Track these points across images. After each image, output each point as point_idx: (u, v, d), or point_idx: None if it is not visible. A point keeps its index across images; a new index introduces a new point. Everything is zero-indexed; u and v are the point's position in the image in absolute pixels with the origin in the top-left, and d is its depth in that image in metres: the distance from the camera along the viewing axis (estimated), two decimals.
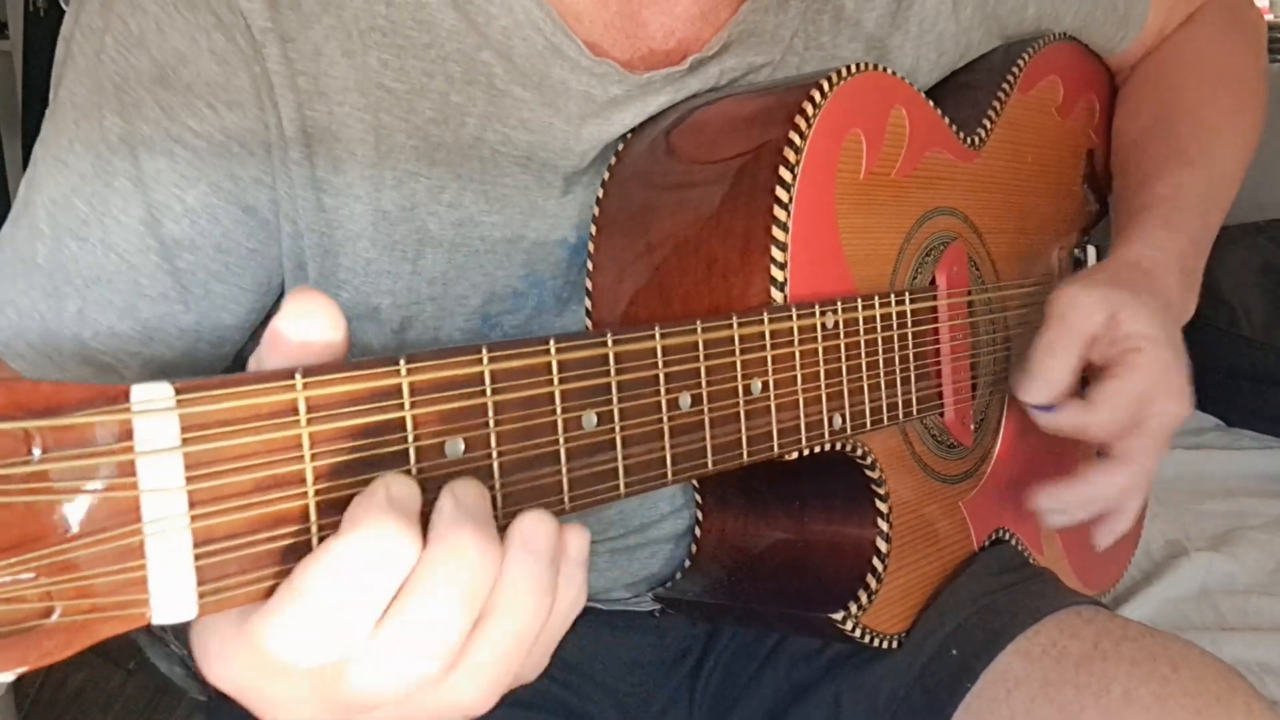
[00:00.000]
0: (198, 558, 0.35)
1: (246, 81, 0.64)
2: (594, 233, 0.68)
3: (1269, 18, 2.71)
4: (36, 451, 0.33)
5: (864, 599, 0.68)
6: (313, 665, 0.38)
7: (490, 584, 0.40)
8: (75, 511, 0.33)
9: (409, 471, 0.41)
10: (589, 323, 0.68)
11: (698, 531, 0.76)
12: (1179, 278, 0.81)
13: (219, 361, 0.70)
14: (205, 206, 0.65)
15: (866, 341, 0.65)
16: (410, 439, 0.41)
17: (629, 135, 0.71)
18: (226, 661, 0.40)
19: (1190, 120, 0.93)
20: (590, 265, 0.68)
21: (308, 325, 0.39)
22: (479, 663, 0.40)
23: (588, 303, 0.68)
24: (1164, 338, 0.75)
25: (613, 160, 0.70)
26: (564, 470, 0.47)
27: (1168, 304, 0.79)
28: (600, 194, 0.69)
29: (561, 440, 0.47)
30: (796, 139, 0.63)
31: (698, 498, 0.76)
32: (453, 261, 0.69)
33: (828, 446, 0.63)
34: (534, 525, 0.41)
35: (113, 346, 0.66)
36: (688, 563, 0.76)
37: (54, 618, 0.33)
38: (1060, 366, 0.74)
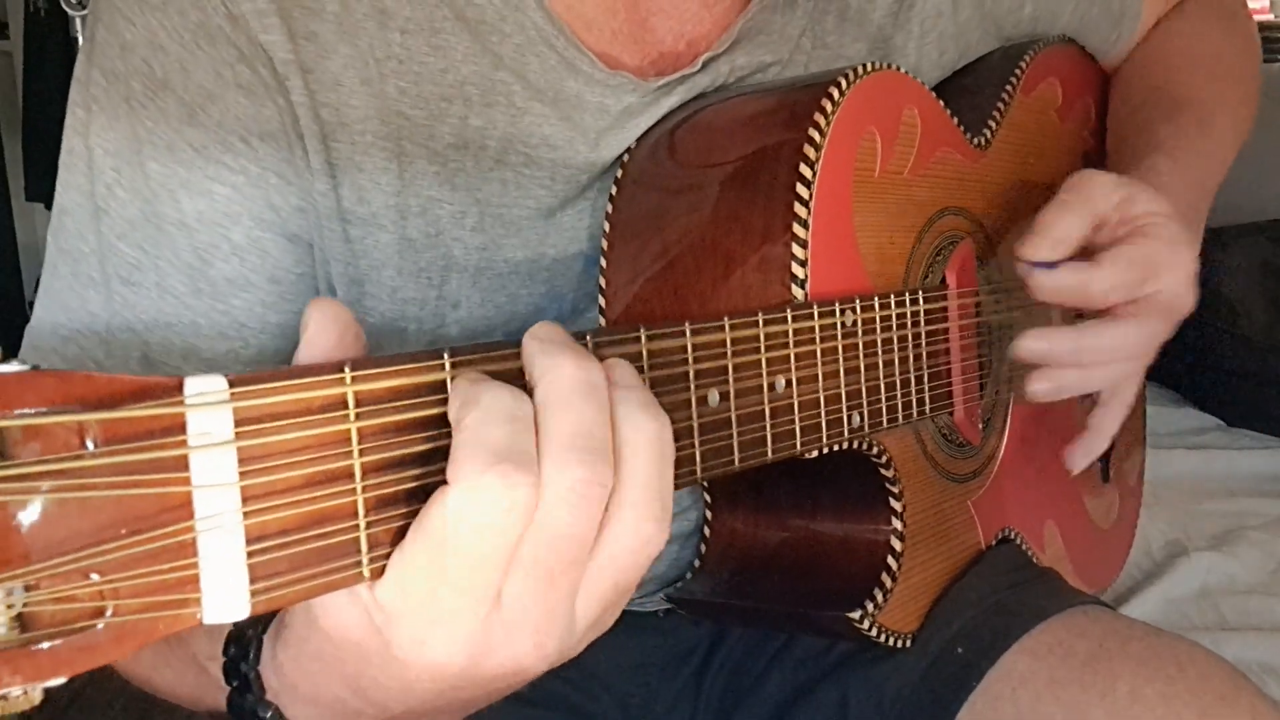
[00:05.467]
0: (250, 555, 0.34)
1: (274, 112, 0.63)
2: (607, 235, 0.68)
3: (1269, 17, 2.73)
4: (90, 445, 0.32)
5: (880, 598, 0.68)
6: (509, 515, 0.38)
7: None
8: (127, 508, 0.32)
9: None
10: (602, 322, 0.68)
11: (706, 531, 0.75)
12: (1184, 205, 0.79)
13: None
14: (252, 242, 0.64)
15: (883, 340, 0.65)
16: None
17: (637, 138, 0.70)
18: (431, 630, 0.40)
19: (1182, 89, 0.93)
20: (604, 268, 0.67)
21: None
22: (635, 500, 0.41)
23: (601, 302, 0.67)
24: (1175, 217, 0.73)
25: (623, 163, 0.70)
26: None
27: (1180, 215, 0.75)
28: (612, 197, 0.69)
29: None
30: (816, 137, 0.63)
31: (706, 497, 0.75)
32: (478, 285, 0.69)
33: (845, 445, 0.63)
34: (619, 367, 0.43)
35: None
36: (697, 563, 0.75)
37: (106, 618, 0.32)
38: (1068, 225, 0.71)
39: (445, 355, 0.40)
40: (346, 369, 0.37)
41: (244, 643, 0.48)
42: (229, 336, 0.65)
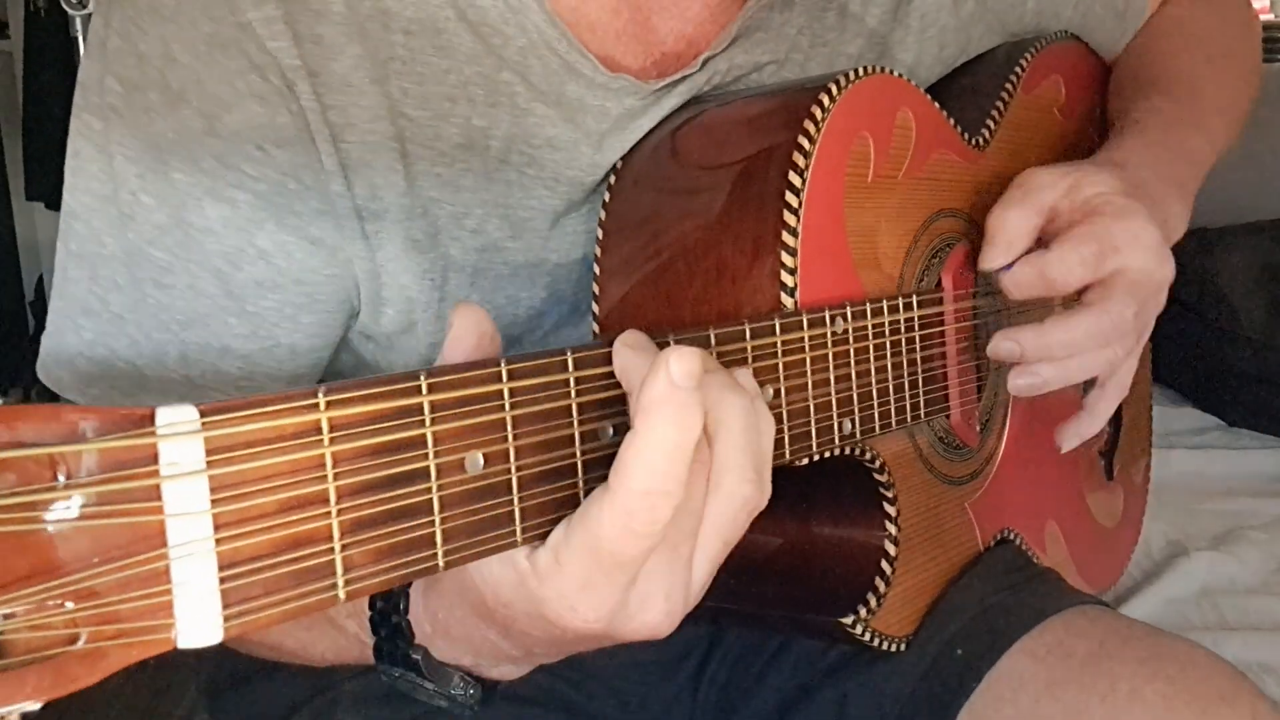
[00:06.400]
0: (223, 581, 0.35)
1: (288, 118, 0.64)
2: (600, 239, 0.68)
3: (1269, 17, 2.71)
4: (62, 477, 0.32)
5: (873, 602, 0.68)
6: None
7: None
8: (101, 537, 0.33)
9: (429, 489, 0.41)
10: (595, 327, 0.68)
11: None
12: (1154, 178, 0.79)
13: (319, 374, 0.72)
14: (277, 246, 0.65)
15: (875, 346, 0.65)
16: (431, 455, 0.41)
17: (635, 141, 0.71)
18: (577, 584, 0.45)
19: (1166, 68, 0.93)
20: (597, 271, 0.68)
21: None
22: (730, 466, 0.47)
23: (595, 307, 0.68)
24: (1127, 193, 0.73)
25: (618, 166, 0.70)
26: (581, 483, 0.47)
27: (1140, 188, 0.75)
28: (606, 200, 0.69)
29: (579, 453, 0.46)
30: (806, 143, 0.63)
31: None
32: (476, 287, 0.70)
33: (837, 452, 0.63)
34: (696, 359, 0.45)
35: (218, 383, 0.67)
36: None
37: (79, 644, 0.33)
38: (1015, 222, 0.72)
39: (422, 377, 0.41)
40: (320, 394, 0.37)
41: (391, 597, 0.54)
42: (260, 335, 0.66)
